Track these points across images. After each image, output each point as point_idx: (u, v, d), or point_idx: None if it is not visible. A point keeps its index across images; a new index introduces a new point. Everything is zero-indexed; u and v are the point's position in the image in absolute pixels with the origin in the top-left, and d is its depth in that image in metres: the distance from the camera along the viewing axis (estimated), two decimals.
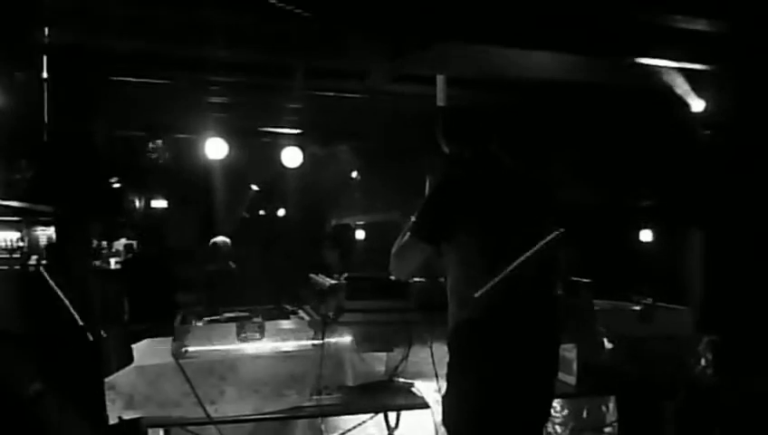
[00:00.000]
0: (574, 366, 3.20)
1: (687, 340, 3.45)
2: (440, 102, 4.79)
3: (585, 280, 3.47)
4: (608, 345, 3.28)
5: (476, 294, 2.38)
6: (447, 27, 4.30)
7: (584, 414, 3.62)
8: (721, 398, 3.54)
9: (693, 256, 6.46)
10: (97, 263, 8.10)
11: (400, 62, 4.93)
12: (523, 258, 2.39)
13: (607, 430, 3.63)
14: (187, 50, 4.95)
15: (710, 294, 5.71)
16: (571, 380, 3.20)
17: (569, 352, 3.22)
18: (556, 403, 3.59)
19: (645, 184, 6.86)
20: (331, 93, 6.21)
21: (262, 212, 11.25)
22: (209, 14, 4.21)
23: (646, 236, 7.72)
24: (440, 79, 4.79)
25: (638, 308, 3.53)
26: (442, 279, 2.69)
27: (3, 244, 10.75)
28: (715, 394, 3.50)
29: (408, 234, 2.51)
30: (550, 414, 2.59)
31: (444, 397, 2.48)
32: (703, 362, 3.42)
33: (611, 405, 3.63)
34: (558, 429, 3.58)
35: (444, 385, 2.49)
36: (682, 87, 5.20)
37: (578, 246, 2.71)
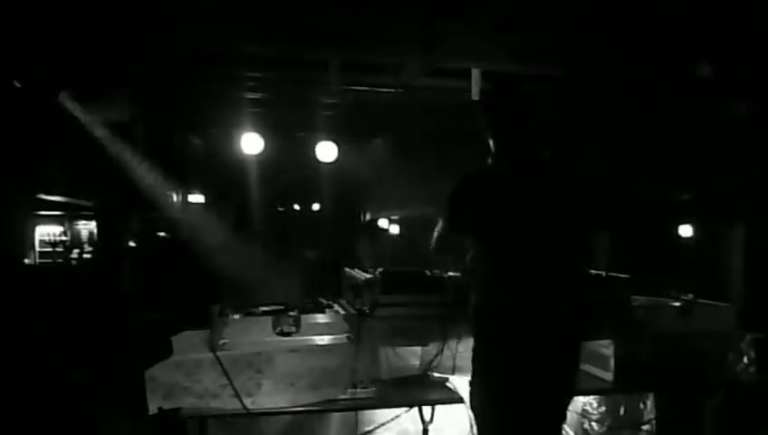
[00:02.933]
0: (611, 362, 3.16)
1: (729, 337, 3.38)
2: (475, 96, 4.76)
3: (623, 275, 3.42)
4: (646, 341, 3.23)
5: (495, 285, 2.41)
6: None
7: (621, 411, 3.57)
8: (763, 397, 3.46)
9: (735, 251, 6.31)
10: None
11: (434, 56, 4.91)
12: (544, 251, 2.39)
13: (644, 427, 3.57)
14: (224, 45, 5.00)
15: (753, 291, 5.57)
16: (608, 376, 3.16)
17: (606, 347, 3.18)
18: (593, 399, 3.54)
19: (686, 177, 6.72)
20: (366, 88, 6.22)
21: (297, 207, 11.31)
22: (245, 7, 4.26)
23: (686, 231, 7.57)
24: (475, 72, 4.76)
25: (677, 304, 3.46)
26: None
27: (46, 238, 11.05)
28: (757, 393, 3.42)
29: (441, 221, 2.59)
30: (567, 407, 2.56)
31: (470, 382, 2.51)
32: (745, 359, 3.35)
33: (649, 402, 3.57)
34: (595, 426, 3.54)
35: None
36: None
37: (617, 241, 2.66)
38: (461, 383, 3.05)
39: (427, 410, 3.11)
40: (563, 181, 2.53)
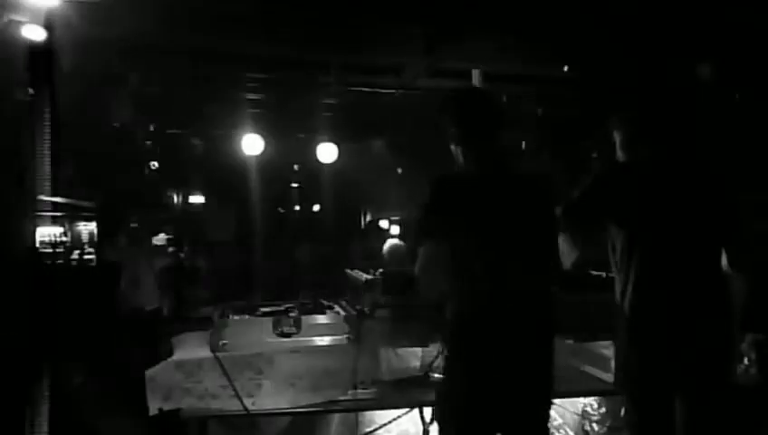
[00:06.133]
0: (612, 363, 3.15)
1: None
2: None
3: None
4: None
5: (464, 292, 2.35)
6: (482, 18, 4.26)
7: (622, 412, 3.56)
8: (764, 397, 3.46)
9: None
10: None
11: (435, 57, 4.92)
12: (510, 255, 2.34)
13: None
14: (225, 46, 5.00)
15: (754, 291, 5.56)
16: (609, 377, 3.15)
17: (606, 348, 3.18)
18: (593, 400, 3.54)
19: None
20: (367, 89, 6.22)
21: (297, 207, 11.32)
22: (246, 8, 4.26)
23: None
24: (475, 72, 4.76)
25: None
26: None
27: (46, 239, 11.05)
28: (757, 395, 3.42)
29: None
30: (547, 413, 2.49)
31: (436, 390, 2.44)
32: (746, 361, 3.34)
33: None
34: (595, 427, 3.54)
35: None
36: None
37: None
38: None
39: (427, 411, 3.11)
40: (527, 186, 2.49)
